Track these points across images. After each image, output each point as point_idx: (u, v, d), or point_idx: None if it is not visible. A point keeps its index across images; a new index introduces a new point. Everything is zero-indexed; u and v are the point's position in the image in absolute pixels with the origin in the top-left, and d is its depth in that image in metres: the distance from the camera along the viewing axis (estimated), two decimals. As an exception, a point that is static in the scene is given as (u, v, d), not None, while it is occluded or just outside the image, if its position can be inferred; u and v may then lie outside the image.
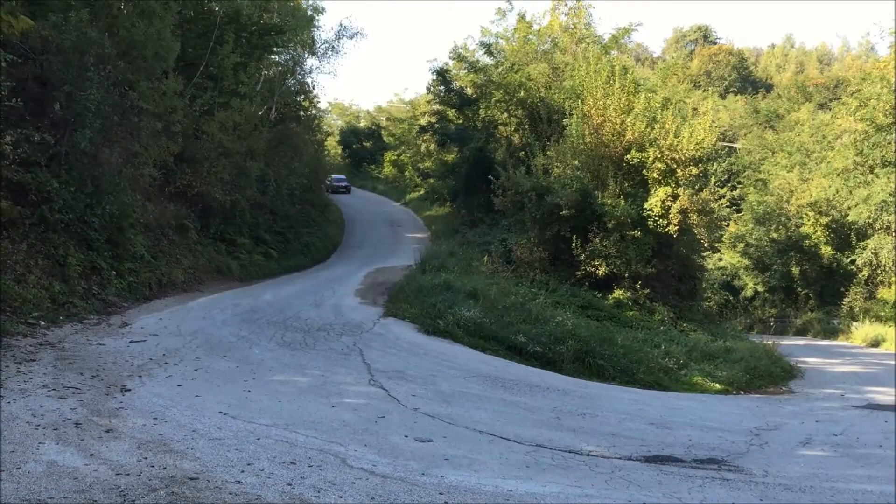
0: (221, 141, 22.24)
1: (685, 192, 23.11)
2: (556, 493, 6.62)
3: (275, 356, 11.97)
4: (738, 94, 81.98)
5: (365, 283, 22.86)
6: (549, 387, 13.09)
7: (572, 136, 25.46)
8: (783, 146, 50.02)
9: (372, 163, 67.32)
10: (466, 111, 38.98)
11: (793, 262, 43.57)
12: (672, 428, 10.90)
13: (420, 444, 8.00)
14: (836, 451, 10.09)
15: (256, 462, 6.41)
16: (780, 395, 16.46)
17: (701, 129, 24.08)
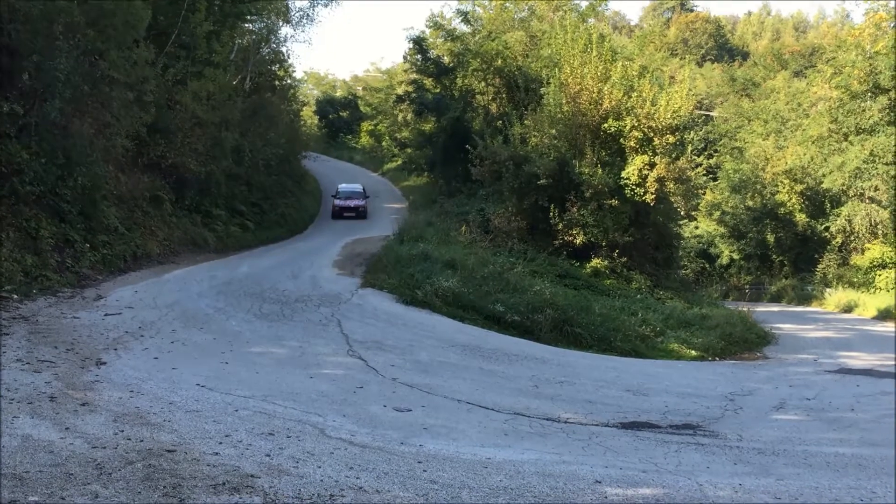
0: (195, 111, 21.93)
1: (662, 160, 23.16)
2: (533, 460, 6.67)
3: (252, 328, 11.93)
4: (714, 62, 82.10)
5: (343, 253, 22.78)
6: (527, 355, 13.16)
7: (549, 105, 25.39)
8: (759, 114, 50.27)
9: (349, 133, 66.81)
10: (444, 80, 38.73)
11: (768, 229, 43.98)
12: (648, 394, 11.01)
13: (399, 414, 8.02)
14: (808, 416, 10.24)
15: (234, 433, 6.39)
16: (755, 361, 16.66)
17: (678, 98, 24.09)
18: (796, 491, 6.24)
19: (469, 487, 5.66)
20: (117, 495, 4.71)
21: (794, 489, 6.30)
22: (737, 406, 10.57)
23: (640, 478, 6.40)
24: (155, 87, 19.21)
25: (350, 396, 8.50)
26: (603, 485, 6.04)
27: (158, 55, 20.26)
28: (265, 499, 4.92)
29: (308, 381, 8.93)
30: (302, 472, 5.59)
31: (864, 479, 6.78)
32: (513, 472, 6.19)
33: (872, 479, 6.79)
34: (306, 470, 5.65)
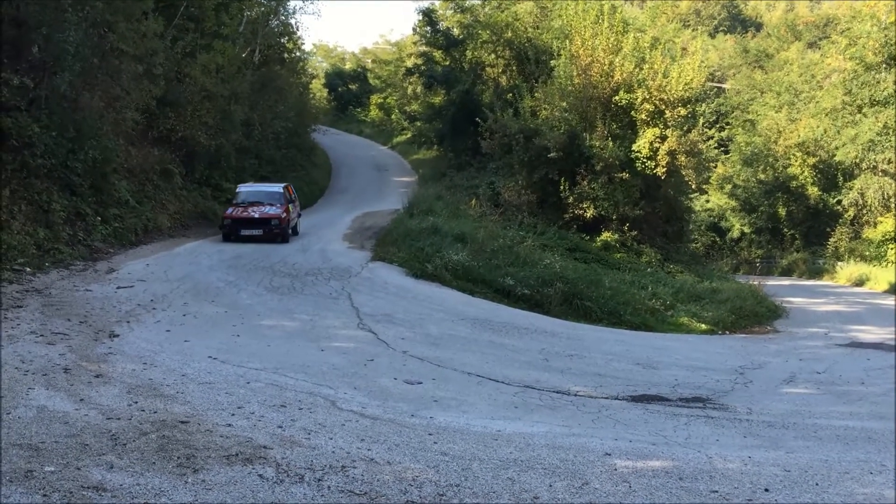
0: (204, 84, 21.87)
1: (673, 133, 23.00)
2: (543, 433, 6.71)
3: (263, 301, 11.98)
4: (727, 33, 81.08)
5: (352, 227, 22.80)
6: (536, 329, 13.19)
7: (560, 78, 25.20)
8: (772, 86, 49.72)
9: (358, 106, 66.46)
10: (453, 52, 38.44)
11: (779, 202, 43.69)
12: (658, 368, 11.03)
13: (409, 387, 8.06)
14: (818, 389, 10.24)
15: (247, 405, 6.45)
16: (765, 335, 16.66)
17: (690, 70, 23.87)
18: (806, 463, 6.26)
19: (479, 459, 5.69)
20: (132, 465, 4.77)
21: (803, 462, 6.31)
22: (747, 379, 10.57)
23: (650, 450, 6.42)
24: (164, 59, 19.16)
25: (361, 369, 8.55)
26: (612, 457, 6.07)
27: (167, 27, 20.20)
28: (277, 470, 4.97)
29: (319, 354, 8.98)
30: (314, 443, 5.64)
31: (874, 452, 6.79)
32: (523, 445, 6.23)
33: (882, 452, 6.80)
34: (318, 441, 5.70)
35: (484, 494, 4.94)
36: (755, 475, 5.82)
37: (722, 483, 5.57)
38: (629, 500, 5.04)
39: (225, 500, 4.38)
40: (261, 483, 4.71)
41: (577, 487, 5.24)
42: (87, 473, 4.56)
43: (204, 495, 4.43)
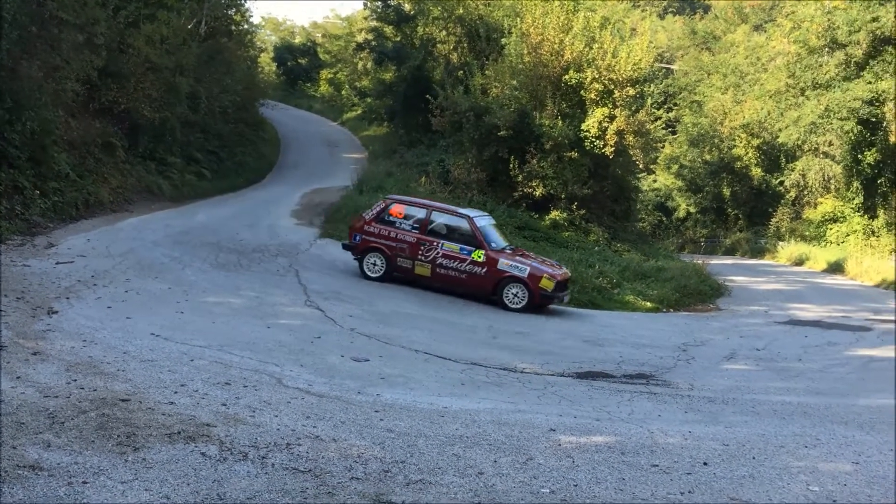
0: (148, 55, 21.29)
1: (622, 113, 23.18)
2: (489, 409, 6.76)
3: (209, 277, 11.80)
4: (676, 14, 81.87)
5: (301, 203, 22.59)
6: (485, 306, 13.25)
7: (511, 56, 25.18)
8: (718, 68, 50.43)
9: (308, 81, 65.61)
10: (404, 28, 38.11)
11: (724, 183, 44.50)
12: (604, 345, 11.19)
13: (356, 364, 8.05)
14: (758, 365, 10.51)
15: (190, 383, 6.36)
16: (708, 313, 17.00)
17: (639, 50, 24.03)
18: (743, 438, 6.42)
19: (425, 436, 5.72)
20: (70, 444, 4.67)
21: (741, 436, 6.48)
22: (689, 356, 10.80)
23: (594, 426, 6.53)
24: (106, 29, 18.57)
25: (308, 346, 8.50)
26: (557, 432, 6.15)
27: (109, -4, 19.58)
28: (221, 447, 4.92)
29: (265, 331, 8.89)
30: (258, 420, 5.59)
31: (809, 427, 7.00)
32: (469, 421, 6.27)
33: (817, 427, 7.02)
34: (263, 419, 5.65)
35: (429, 470, 4.96)
36: (695, 449, 5.96)
37: (662, 457, 5.69)
38: (572, 475, 5.12)
39: (166, 479, 4.32)
40: (203, 461, 4.66)
41: (521, 463, 5.30)
42: (24, 452, 4.45)
43: (144, 474, 4.36)
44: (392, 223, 13.69)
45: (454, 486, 4.72)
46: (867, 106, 33.55)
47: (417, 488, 4.63)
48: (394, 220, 13.73)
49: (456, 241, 13.42)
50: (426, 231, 13.56)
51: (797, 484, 5.24)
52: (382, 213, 13.82)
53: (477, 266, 13.23)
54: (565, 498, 4.69)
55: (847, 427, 7.05)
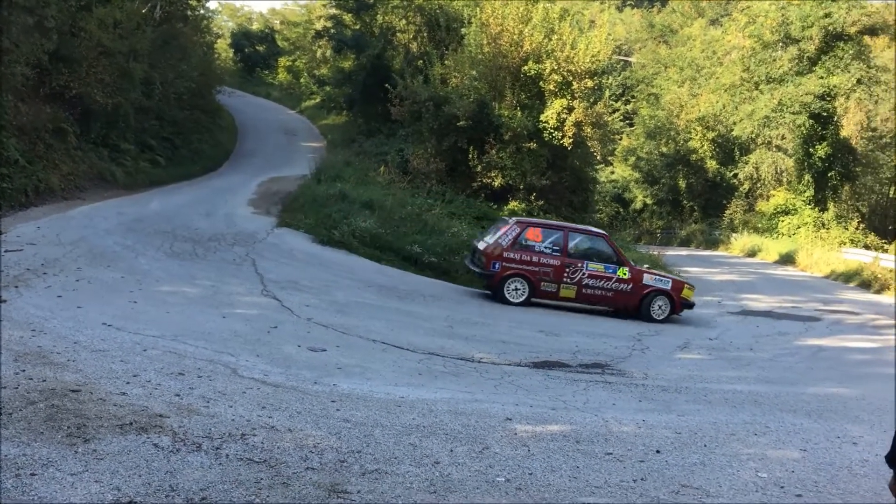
0: (101, 39, 20.82)
1: (580, 104, 23.33)
2: (446, 399, 6.78)
3: (163, 266, 11.63)
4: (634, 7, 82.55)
5: (258, 192, 22.35)
6: (443, 296, 13.29)
7: (470, 46, 25.16)
8: (675, 61, 51.01)
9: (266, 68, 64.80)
10: (364, 16, 37.84)
11: (680, 175, 45.09)
12: (560, 335, 11.28)
13: (313, 354, 8.00)
14: (710, 355, 10.70)
15: (143, 373, 6.26)
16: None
17: (597, 42, 24.19)
18: (695, 426, 6.53)
19: (382, 426, 5.71)
20: (18, 435, 4.57)
21: (693, 424, 6.59)
22: (644, 346, 10.94)
23: (549, 415, 6.58)
24: (57, 12, 18.13)
25: (264, 336, 8.43)
26: (513, 422, 6.19)
27: (60, -22, 19.11)
28: (174, 438, 4.85)
29: (221, 321, 8.79)
30: (213, 411, 5.54)
31: (759, 415, 7.15)
32: (425, 411, 6.28)
33: (767, 415, 7.16)
34: (217, 409, 5.59)
35: (385, 460, 4.96)
36: (648, 437, 6.05)
37: (616, 445, 5.76)
38: (527, 464, 5.16)
39: (117, 470, 4.25)
40: (156, 452, 4.60)
41: (477, 452, 5.32)
42: (-31, 445, 4.35)
43: (95, 465, 4.29)
44: (531, 248, 13.67)
45: (410, 476, 4.72)
46: (819, 100, 34.26)
47: (373, 478, 4.63)
48: (532, 244, 13.71)
49: (599, 261, 13.72)
50: (567, 253, 13.65)
51: (746, 471, 5.35)
52: (519, 238, 13.71)
53: (623, 283, 13.62)
54: (520, 486, 4.73)
55: (796, 415, 7.21)
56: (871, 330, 14.08)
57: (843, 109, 35.46)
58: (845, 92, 34.97)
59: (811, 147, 34.81)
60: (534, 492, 4.65)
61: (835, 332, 13.35)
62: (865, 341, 12.73)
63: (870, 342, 12.67)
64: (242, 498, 4.10)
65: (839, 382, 9.17)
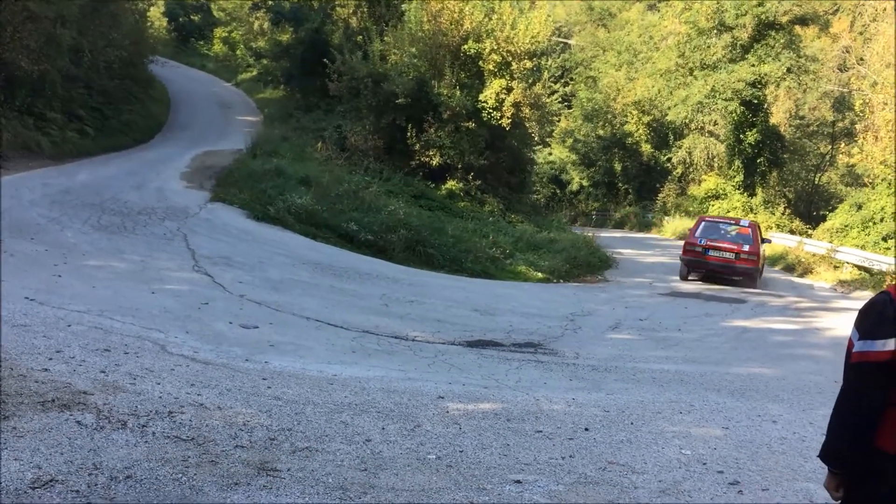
0: (27, 4, 20.01)
1: (519, 85, 23.42)
2: (379, 377, 6.78)
3: (90, 240, 11.31)
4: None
5: (192, 166, 21.85)
6: (378, 274, 13.25)
7: (411, 23, 24.98)
8: (613, 45, 51.53)
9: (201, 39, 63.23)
10: (303, -12, 37.25)
11: (616, 158, 45.70)
12: (495, 314, 11.37)
13: (245, 331, 7.90)
14: (640, 335, 10.92)
15: (66, 349, 6.09)
16: (596, 284, 17.53)
17: (536, 23, 24.28)
18: (623, 404, 6.67)
19: (314, 403, 5.68)
20: (-69, 414, 4.41)
21: (621, 402, 6.73)
22: (576, 326, 11.11)
23: (482, 393, 6.64)
24: (-21, -27, 17.40)
25: (194, 313, 8.28)
26: (445, 400, 6.23)
27: (-17, -62, 18.30)
28: (98, 416, 4.74)
29: (149, 297, 8.61)
30: (139, 388, 5.42)
31: (685, 393, 7.34)
32: (358, 389, 6.27)
33: (692, 393, 7.36)
34: (144, 387, 5.48)
35: (316, 438, 4.94)
36: (577, 415, 6.15)
37: (546, 423, 5.85)
38: (458, 441, 5.20)
39: (38, 448, 4.13)
40: (79, 430, 4.48)
41: (409, 430, 5.34)
42: None
43: (14, 443, 4.16)
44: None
45: (341, 454, 4.71)
46: (750, 88, 35.06)
47: (304, 455, 4.60)
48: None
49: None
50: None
51: (671, 448, 5.49)
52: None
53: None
54: (451, 464, 4.76)
55: (719, 394, 7.42)
56: (793, 312, 14.57)
57: (773, 97, 36.40)
58: (775, 80, 35.87)
59: (742, 133, 35.66)
60: (464, 469, 4.69)
61: (759, 314, 13.76)
62: (787, 323, 13.16)
63: (792, 324, 13.10)
64: (169, 476, 4.03)
65: (761, 363, 9.47)
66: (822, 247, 23.86)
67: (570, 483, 4.64)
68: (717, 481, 4.86)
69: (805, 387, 7.82)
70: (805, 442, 5.89)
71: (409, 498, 4.16)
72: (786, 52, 36.01)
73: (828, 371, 8.89)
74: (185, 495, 3.85)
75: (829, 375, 8.66)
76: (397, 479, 4.41)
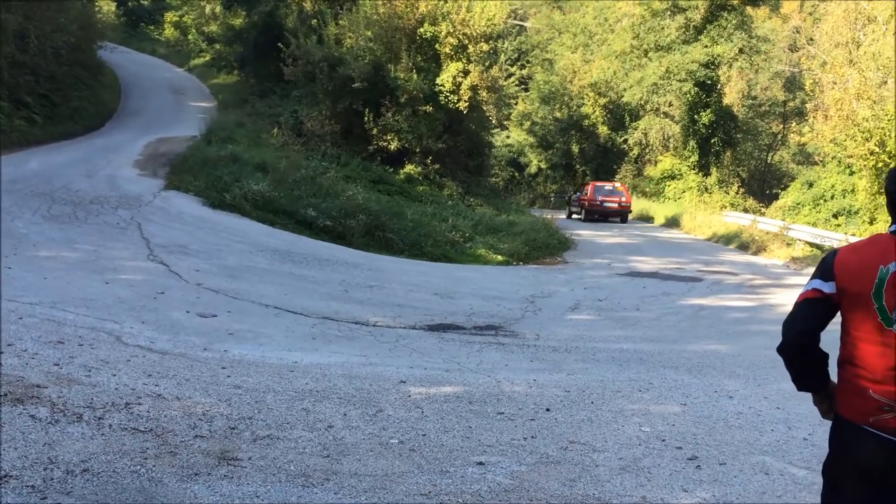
0: (-32, -12, 19.50)
1: (476, 68, 23.40)
2: (340, 363, 6.75)
3: (40, 230, 11.06)
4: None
5: (145, 153, 21.47)
6: (338, 260, 13.18)
7: (366, 6, 24.78)
8: (569, 27, 51.66)
9: (151, 23, 62.03)
10: (255, -29, 36.65)
11: (573, 140, 45.95)
12: (455, 298, 11.39)
13: (203, 320, 7.81)
14: (599, 315, 11.02)
15: (18, 342, 5.95)
16: (555, 265, 17.63)
17: (492, 6, 24.28)
18: (584, 384, 6.73)
19: (274, 391, 5.64)
20: None
21: (581, 382, 6.79)
22: (536, 308, 11.17)
23: (443, 377, 6.65)
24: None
25: (150, 302, 8.15)
26: (407, 384, 6.23)
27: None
28: (53, 409, 4.64)
29: (103, 287, 8.45)
30: (95, 380, 5.32)
31: (644, 372, 7.42)
32: (319, 375, 6.24)
33: (651, 372, 7.45)
34: (100, 378, 5.38)
35: (277, 426, 4.90)
36: (538, 396, 6.19)
37: (508, 405, 5.88)
38: (421, 425, 5.20)
39: (-10, 445, 4.04)
40: (33, 424, 4.39)
41: (371, 415, 5.33)
42: None
43: (-35, 440, 4.06)
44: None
45: (303, 441, 4.69)
46: (703, 69, 35.49)
47: (265, 444, 4.56)
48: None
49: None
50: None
51: (630, 425, 5.56)
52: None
53: None
54: (413, 447, 4.76)
55: (677, 371, 7.53)
56: (747, 290, 14.81)
57: (725, 78, 36.87)
58: (728, 61, 36.36)
59: (696, 114, 36.09)
60: (427, 453, 4.70)
61: (715, 292, 13.97)
62: (742, 300, 13.38)
63: (746, 301, 13.32)
64: (127, 468, 3.97)
65: (718, 340, 9.62)
66: (775, 225, 24.29)
67: (532, 463, 4.67)
68: (675, 457, 4.93)
69: (760, 362, 7.96)
70: (760, 416, 6.00)
71: (372, 483, 4.15)
72: (738, 33, 36.50)
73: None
74: (144, 487, 3.79)
75: (783, 351, 8.84)
76: (360, 465, 4.40)
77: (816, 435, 5.40)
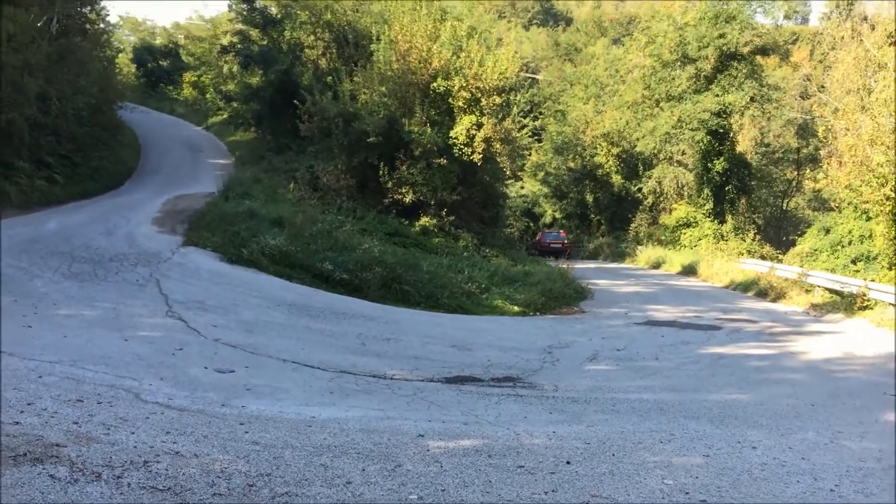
0: (-8, 53, 19.99)
1: (489, 120, 23.65)
2: (358, 417, 6.71)
3: (60, 289, 11.17)
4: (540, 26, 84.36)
5: (163, 210, 21.73)
6: (354, 313, 13.19)
7: (380, 62, 25.21)
8: (580, 79, 52.31)
9: (170, 83, 63.36)
10: (271, 32, 37.46)
11: (587, 189, 46.15)
12: (472, 349, 11.34)
13: (220, 376, 7.81)
14: (618, 365, 10.93)
15: (38, 401, 5.97)
16: (572, 315, 17.55)
17: (504, 60, 24.60)
18: (604, 436, 6.65)
19: (292, 447, 5.61)
20: None
21: (602, 434, 6.71)
22: (554, 358, 11.10)
23: (462, 430, 6.59)
24: (-56, 24, 17.33)
25: (168, 359, 8.18)
26: (425, 438, 6.18)
27: (-53, -11, 18.25)
28: (72, 468, 4.64)
29: (122, 344, 8.49)
30: (113, 438, 5.32)
31: (665, 423, 7.33)
32: (337, 430, 6.20)
33: (672, 422, 7.36)
34: (118, 436, 5.38)
35: (295, 482, 4.87)
36: (558, 449, 6.12)
37: (528, 458, 5.81)
38: (440, 480, 5.14)
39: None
40: (52, 484, 4.38)
41: (389, 470, 5.28)
42: None
43: (-16, 501, 4.06)
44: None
45: (321, 497, 4.65)
46: (715, 117, 35.66)
47: (283, 501, 4.53)
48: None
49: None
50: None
51: (653, 478, 5.47)
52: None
53: None
54: (433, 503, 4.71)
55: (699, 421, 7.43)
56: (767, 337, 14.67)
57: (738, 126, 37.03)
58: (739, 109, 36.53)
59: (709, 162, 36.16)
60: (446, 508, 4.64)
61: (734, 340, 13.84)
62: (762, 348, 13.24)
63: (766, 349, 13.18)
64: (145, 528, 3.94)
65: (739, 389, 9.50)
66: (793, 271, 24.11)
67: (553, 518, 4.60)
68: (700, 510, 4.85)
69: (783, 411, 7.85)
70: (785, 467, 5.90)
71: (391, 540, 4.10)
72: (748, 82, 36.74)
73: (803, 394, 8.95)
74: (163, 547, 3.76)
75: (805, 399, 8.72)
76: (379, 522, 4.35)
77: (843, 486, 5.30)
